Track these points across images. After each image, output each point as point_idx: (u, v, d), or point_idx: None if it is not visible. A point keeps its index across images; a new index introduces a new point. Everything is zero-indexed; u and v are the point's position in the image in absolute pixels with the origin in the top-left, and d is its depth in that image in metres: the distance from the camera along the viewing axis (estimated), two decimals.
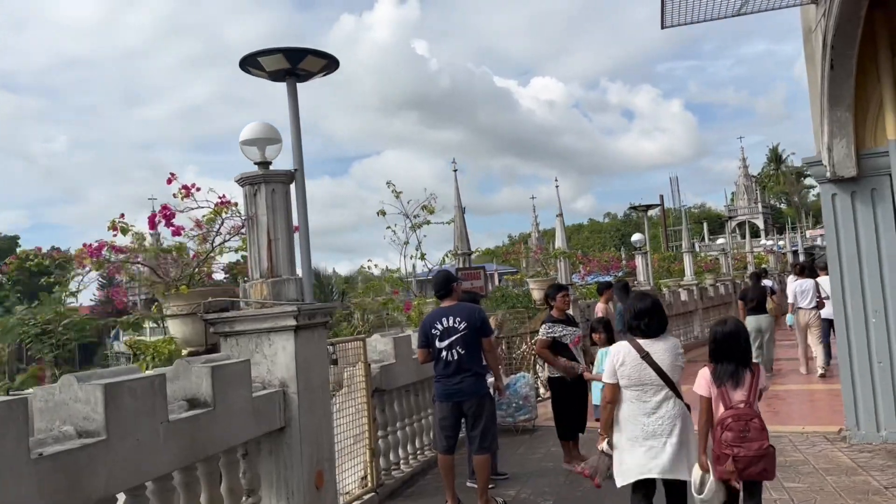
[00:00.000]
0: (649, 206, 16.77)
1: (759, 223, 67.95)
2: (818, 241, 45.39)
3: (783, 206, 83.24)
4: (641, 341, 4.35)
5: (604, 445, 4.44)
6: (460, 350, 5.89)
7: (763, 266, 23.66)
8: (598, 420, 6.84)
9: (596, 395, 6.81)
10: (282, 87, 5.27)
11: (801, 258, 30.39)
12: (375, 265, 10.50)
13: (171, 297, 5.08)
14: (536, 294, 12.58)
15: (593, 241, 74.82)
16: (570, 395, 7.08)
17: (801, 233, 42.04)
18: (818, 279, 11.74)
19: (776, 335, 12.83)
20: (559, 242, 12.49)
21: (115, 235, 4.94)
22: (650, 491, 4.43)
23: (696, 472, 4.17)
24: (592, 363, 7.17)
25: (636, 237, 15.64)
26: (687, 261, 18.40)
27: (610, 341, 6.95)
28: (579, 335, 7.23)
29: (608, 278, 18.75)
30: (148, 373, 3.82)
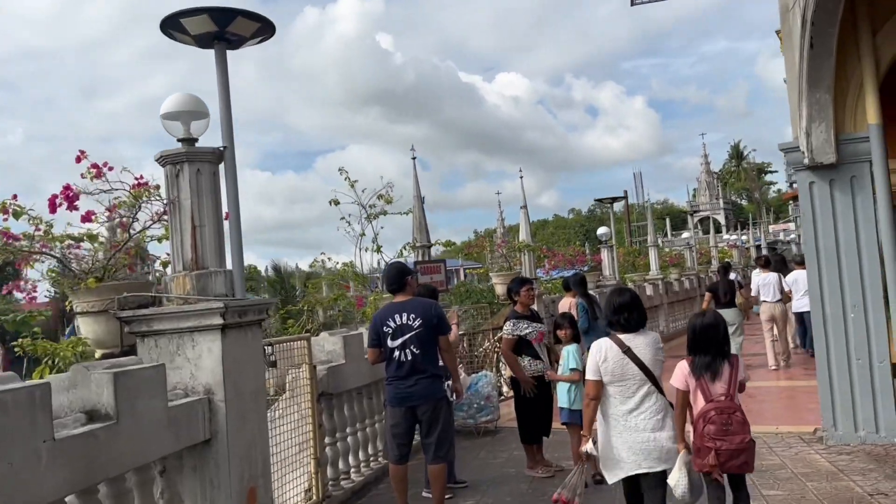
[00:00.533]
0: (614, 199, 16.37)
1: (721, 219, 68.71)
2: (780, 236, 46.01)
3: (744, 203, 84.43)
4: (622, 336, 4.30)
5: (588, 446, 4.35)
6: (414, 350, 5.34)
7: (727, 260, 23.57)
8: (563, 424, 6.38)
9: (562, 397, 6.32)
10: (245, 75, 4.62)
11: (765, 252, 30.56)
12: (329, 258, 9.82)
13: (80, 293, 4.41)
14: (500, 289, 12.11)
15: (558, 236, 74.99)
16: (534, 397, 6.58)
17: (764, 228, 42.60)
18: (795, 273, 11.79)
19: (748, 330, 12.82)
20: (523, 235, 12.01)
21: (5, 219, 4.24)
22: (638, 485, 4.37)
23: (676, 470, 4.13)
24: (557, 361, 6.66)
25: (602, 230, 15.26)
26: (652, 255, 18.12)
27: (576, 338, 6.49)
28: (543, 331, 6.73)
29: (573, 273, 18.41)
30: (30, 382, 3.20)
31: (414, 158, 9.39)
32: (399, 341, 5.38)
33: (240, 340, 4.48)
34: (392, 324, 5.44)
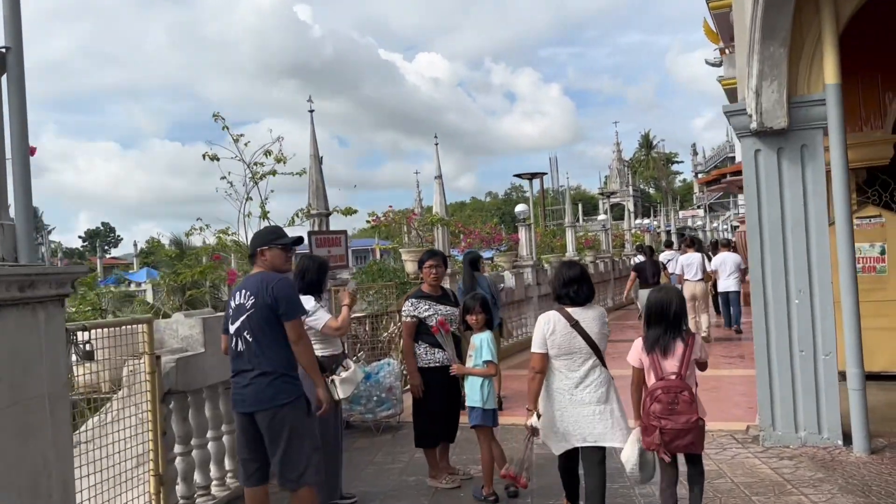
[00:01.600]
0: (534, 175, 15.35)
1: (630, 206, 70.29)
2: (689, 223, 47.31)
3: (651, 191, 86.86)
4: (570, 310, 4.26)
5: (532, 419, 4.26)
6: (248, 337, 4.11)
7: (644, 243, 23.36)
8: (473, 427, 5.32)
9: (472, 394, 5.23)
10: (153, 39, 3.20)
11: (674, 237, 30.95)
12: (207, 226, 8.28)
13: None
14: (410, 266, 10.98)
15: (475, 218, 74.58)
16: (437, 393, 5.50)
17: (675, 214, 43.75)
18: (723, 255, 12.89)
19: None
20: (437, 208, 10.91)
21: None
22: (576, 462, 4.40)
23: (628, 446, 4.12)
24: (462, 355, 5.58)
25: (520, 208, 14.35)
26: (569, 235, 17.45)
27: (489, 324, 5.39)
28: (445, 317, 5.57)
29: (489, 253, 17.51)
30: None
31: (311, 111, 8.04)
32: (234, 326, 4.19)
33: (23, 323, 3.15)
34: (232, 303, 4.24)
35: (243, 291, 4.23)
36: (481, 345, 5.22)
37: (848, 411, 5.77)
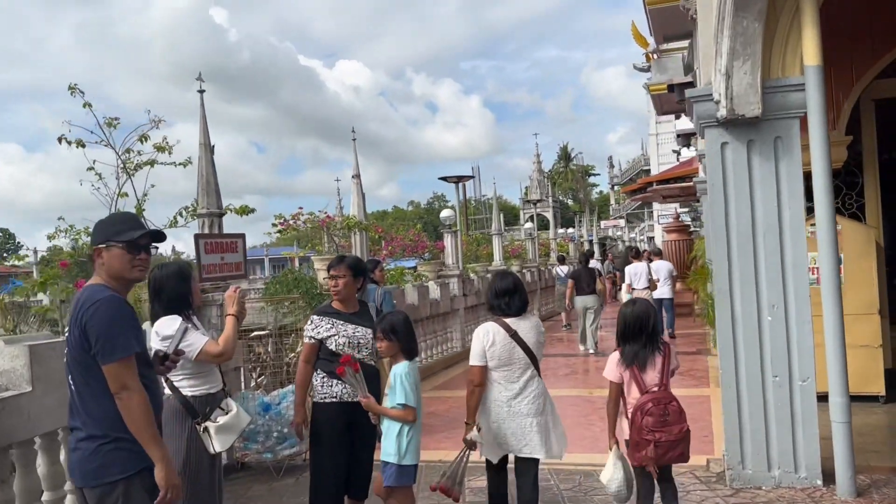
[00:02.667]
0: (460, 178, 14.24)
1: (549, 216, 71.05)
2: (609, 233, 47.94)
3: (570, 202, 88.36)
4: (508, 320, 4.20)
5: (473, 433, 4.09)
6: (70, 384, 2.84)
7: (561, 253, 22.91)
8: (387, 487, 4.14)
9: (388, 445, 4.01)
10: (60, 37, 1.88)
11: (595, 247, 30.91)
12: (70, 226, 6.68)
13: None
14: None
15: (397, 227, 73.72)
16: (335, 437, 4.33)
17: (596, 224, 44.28)
18: (657, 263, 13.76)
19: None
20: (355, 210, 9.73)
21: None
22: (505, 470, 4.35)
23: (610, 466, 4.10)
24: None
25: (446, 213, 13.25)
26: (496, 243, 16.56)
27: (409, 353, 4.19)
28: (355, 343, 4.42)
29: (412, 263, 16.42)
30: None
31: (201, 92, 6.72)
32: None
33: None
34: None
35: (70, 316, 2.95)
36: (395, 382, 4.02)
37: (824, 443, 4.99)
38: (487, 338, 4.11)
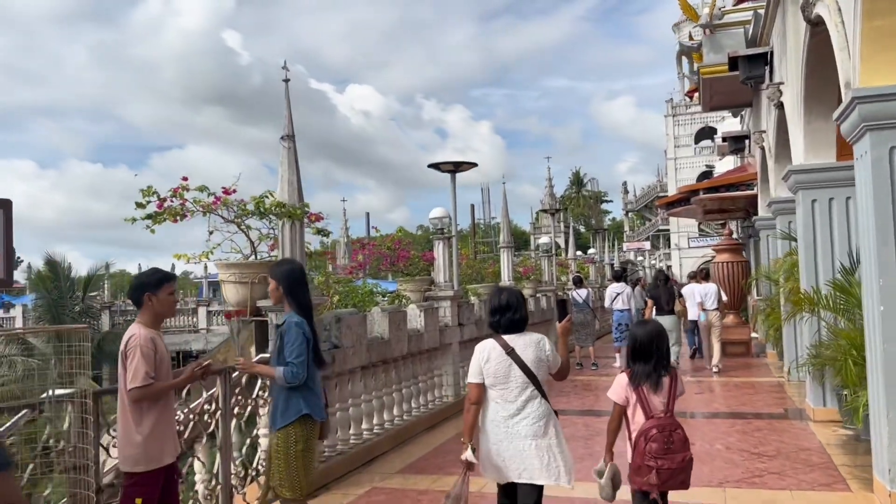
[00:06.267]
0: (458, 166, 10.35)
1: (561, 241, 67.98)
2: (629, 256, 44.82)
3: (582, 228, 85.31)
4: (506, 337, 4.12)
5: (468, 454, 4.02)
6: None
7: (578, 274, 19.46)
8: None
9: None
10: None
11: (618, 269, 28.13)
12: None
13: None
14: (231, 293, 6.31)
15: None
16: None
17: (618, 247, 41.33)
18: (691, 286, 13.37)
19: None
20: (285, 188, 6.31)
21: None
22: (513, 491, 4.14)
23: (603, 480, 4.10)
24: None
25: (436, 212, 9.73)
26: (504, 258, 13.07)
27: None
28: None
29: (393, 285, 12.93)
30: None
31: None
32: None
33: None
34: None
35: None
36: None
37: None
38: (483, 354, 4.08)
